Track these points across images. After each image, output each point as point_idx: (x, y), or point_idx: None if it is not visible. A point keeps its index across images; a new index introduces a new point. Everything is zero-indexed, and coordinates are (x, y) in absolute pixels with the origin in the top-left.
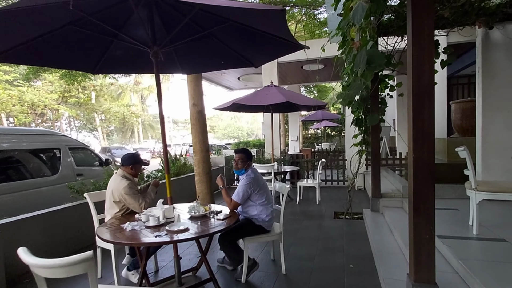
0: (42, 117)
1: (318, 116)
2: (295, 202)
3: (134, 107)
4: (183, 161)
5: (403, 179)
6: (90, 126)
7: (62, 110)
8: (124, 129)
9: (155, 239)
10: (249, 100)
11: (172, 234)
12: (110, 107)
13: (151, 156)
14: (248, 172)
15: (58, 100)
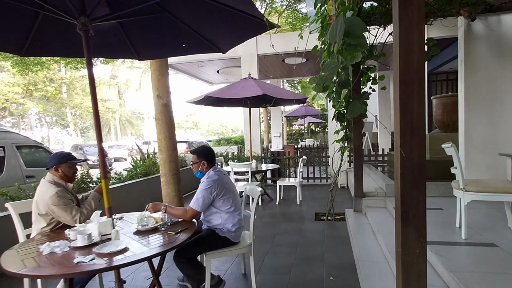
0: (4, 111)
1: (301, 112)
2: (275, 202)
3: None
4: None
5: (386, 177)
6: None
7: (28, 104)
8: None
9: (71, 268)
10: (223, 93)
11: (102, 258)
12: (82, 101)
13: (129, 153)
14: (210, 173)
15: (23, 93)
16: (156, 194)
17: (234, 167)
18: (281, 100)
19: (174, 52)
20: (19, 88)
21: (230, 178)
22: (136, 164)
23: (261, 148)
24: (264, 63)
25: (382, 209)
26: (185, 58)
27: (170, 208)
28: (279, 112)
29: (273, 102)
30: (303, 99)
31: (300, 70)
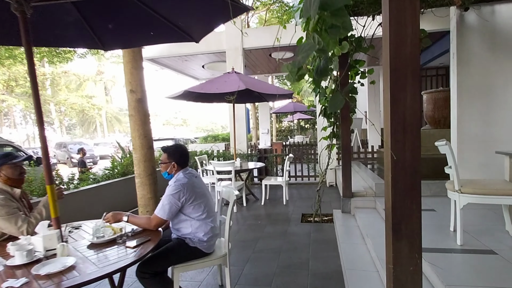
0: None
1: (290, 108)
2: (260, 202)
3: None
4: None
5: (375, 175)
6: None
7: (9, 101)
8: (87, 123)
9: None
10: (204, 88)
11: (37, 281)
12: (67, 98)
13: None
14: (179, 176)
15: (3, 90)
16: (135, 195)
17: (217, 166)
18: (266, 95)
19: (143, 41)
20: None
21: (202, 180)
22: (113, 163)
23: (248, 146)
24: (250, 57)
25: (371, 210)
26: (168, 51)
27: (132, 217)
28: (267, 108)
29: (259, 98)
30: (289, 94)
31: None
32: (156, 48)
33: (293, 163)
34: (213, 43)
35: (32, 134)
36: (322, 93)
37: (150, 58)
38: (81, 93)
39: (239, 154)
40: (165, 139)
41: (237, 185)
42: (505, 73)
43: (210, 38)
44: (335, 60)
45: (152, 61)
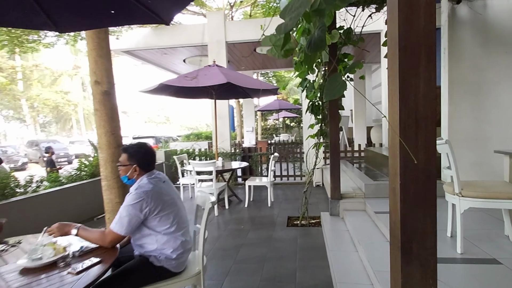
0: None
1: (275, 106)
2: (243, 204)
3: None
4: None
5: (363, 175)
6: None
7: None
8: (63, 120)
9: None
10: (182, 81)
11: None
12: (40, 93)
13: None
14: (142, 181)
15: None
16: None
17: (196, 166)
18: (250, 90)
19: (103, 22)
20: None
21: (172, 186)
22: (80, 164)
23: (231, 144)
24: (234, 52)
25: (361, 213)
26: (144, 43)
27: (84, 230)
28: (252, 106)
29: (243, 94)
30: (274, 89)
31: (273, 61)
32: (132, 39)
33: (278, 162)
34: (194, 35)
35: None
36: (309, 87)
37: (126, 50)
38: (55, 89)
39: (222, 153)
40: (144, 137)
41: (218, 186)
42: (497, 69)
43: (190, 30)
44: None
45: (128, 53)
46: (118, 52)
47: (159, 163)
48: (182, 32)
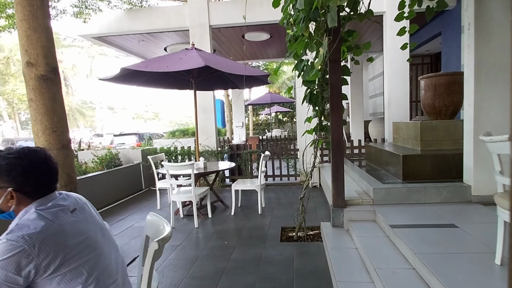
0: None
1: (266, 100)
2: (230, 211)
3: None
4: None
5: (369, 176)
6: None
7: None
8: None
9: None
10: (150, 65)
11: None
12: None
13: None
14: (25, 217)
15: None
16: None
17: (171, 169)
18: (235, 78)
19: None
20: None
21: (91, 213)
22: None
23: (217, 141)
24: (220, 38)
25: (371, 225)
26: (117, 27)
27: None
28: (242, 99)
29: (228, 83)
30: (264, 76)
31: (264, 50)
32: (102, 22)
33: (270, 160)
34: (174, 18)
35: None
36: (307, 70)
37: (96, 36)
38: None
39: (207, 151)
40: (127, 134)
41: (200, 191)
42: None
43: (169, 12)
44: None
45: (100, 40)
46: (88, 38)
47: (134, 163)
48: (160, 14)
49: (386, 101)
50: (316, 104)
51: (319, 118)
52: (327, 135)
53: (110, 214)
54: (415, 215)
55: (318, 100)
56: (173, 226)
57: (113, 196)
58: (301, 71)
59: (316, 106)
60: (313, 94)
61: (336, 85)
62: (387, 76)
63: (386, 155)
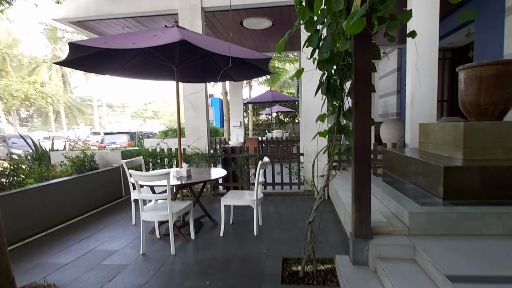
0: None
1: (267, 98)
2: (218, 231)
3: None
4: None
5: (402, 196)
6: None
7: None
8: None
9: None
10: (109, 42)
11: None
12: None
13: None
14: None
15: None
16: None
17: (140, 179)
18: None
19: None
20: None
21: None
22: None
23: (209, 143)
24: (215, 25)
25: (411, 267)
26: (95, 11)
27: None
28: (240, 97)
29: (218, 74)
30: (264, 59)
31: (266, 42)
32: (78, 3)
33: (270, 163)
34: (161, 0)
35: None
36: (325, 44)
37: (74, 20)
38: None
39: (197, 154)
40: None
41: (179, 208)
42: None
43: None
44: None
45: (80, 25)
46: (64, 23)
47: (113, 167)
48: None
49: (408, 99)
50: (335, 96)
51: (337, 115)
52: (347, 138)
53: (74, 230)
54: (477, 256)
55: (338, 90)
56: (143, 253)
57: (84, 206)
58: (316, 46)
59: (334, 98)
60: (331, 81)
61: (363, 69)
62: (411, 70)
63: (416, 164)
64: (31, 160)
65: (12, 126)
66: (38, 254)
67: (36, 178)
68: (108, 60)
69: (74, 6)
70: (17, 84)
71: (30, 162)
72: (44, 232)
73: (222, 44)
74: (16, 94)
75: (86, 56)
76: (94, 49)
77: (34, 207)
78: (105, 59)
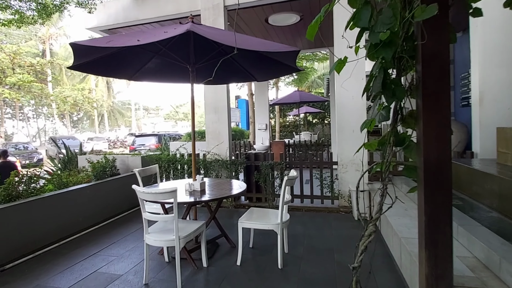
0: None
1: (294, 98)
2: (235, 259)
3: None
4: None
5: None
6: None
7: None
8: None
9: None
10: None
11: None
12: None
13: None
14: None
15: None
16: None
17: (144, 197)
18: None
19: None
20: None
21: None
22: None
23: (231, 149)
24: (238, 24)
25: None
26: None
27: None
28: (265, 98)
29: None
30: (288, 53)
31: (293, 39)
32: (108, 12)
33: (297, 168)
34: (184, 1)
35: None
36: (380, 22)
37: (105, 29)
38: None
39: (217, 161)
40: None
41: (189, 230)
42: None
43: None
44: None
45: (109, 32)
46: (96, 32)
47: (129, 174)
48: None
49: (475, 97)
50: (394, 94)
51: (393, 122)
52: (408, 154)
53: (85, 243)
54: None
55: (398, 86)
56: (146, 283)
57: (100, 214)
58: (367, 25)
59: (394, 98)
60: (388, 74)
61: (437, 56)
62: (478, 61)
63: (502, 184)
64: (61, 164)
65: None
66: (40, 273)
67: (56, 185)
68: (124, 64)
69: (104, 15)
70: (68, 91)
71: (60, 166)
72: (56, 244)
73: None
74: (66, 100)
75: (99, 60)
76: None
77: (49, 215)
78: (120, 63)
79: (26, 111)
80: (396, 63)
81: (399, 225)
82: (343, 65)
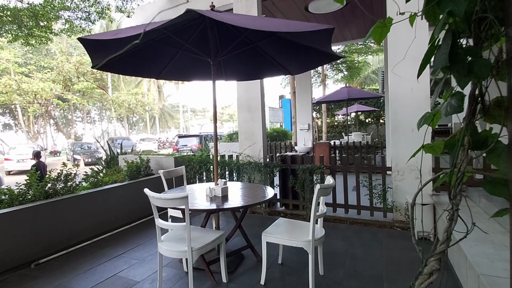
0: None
1: (342, 95)
2: (259, 277)
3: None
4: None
5: None
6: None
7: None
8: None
9: None
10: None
11: None
12: (118, 95)
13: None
14: None
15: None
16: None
17: (155, 201)
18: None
19: None
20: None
21: None
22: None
23: (266, 150)
24: (275, 15)
25: None
26: (159, 18)
27: None
28: (308, 96)
29: (272, 67)
30: (320, 32)
31: (338, 29)
32: (145, 15)
33: (340, 172)
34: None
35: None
36: None
37: None
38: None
39: (249, 163)
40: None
41: (205, 241)
42: None
43: None
44: None
45: None
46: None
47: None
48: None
49: None
50: (472, 71)
51: (469, 113)
52: (493, 161)
53: (112, 243)
54: None
55: (479, 60)
56: None
57: (132, 214)
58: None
59: (469, 77)
60: (459, 43)
61: None
62: None
63: None
64: (104, 164)
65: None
66: (66, 270)
67: (91, 183)
68: (149, 62)
69: (142, 18)
70: (124, 95)
71: (104, 165)
72: (87, 242)
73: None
74: (122, 104)
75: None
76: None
77: (84, 213)
78: (144, 62)
79: (92, 115)
80: (474, 27)
81: (477, 255)
82: (386, 31)
